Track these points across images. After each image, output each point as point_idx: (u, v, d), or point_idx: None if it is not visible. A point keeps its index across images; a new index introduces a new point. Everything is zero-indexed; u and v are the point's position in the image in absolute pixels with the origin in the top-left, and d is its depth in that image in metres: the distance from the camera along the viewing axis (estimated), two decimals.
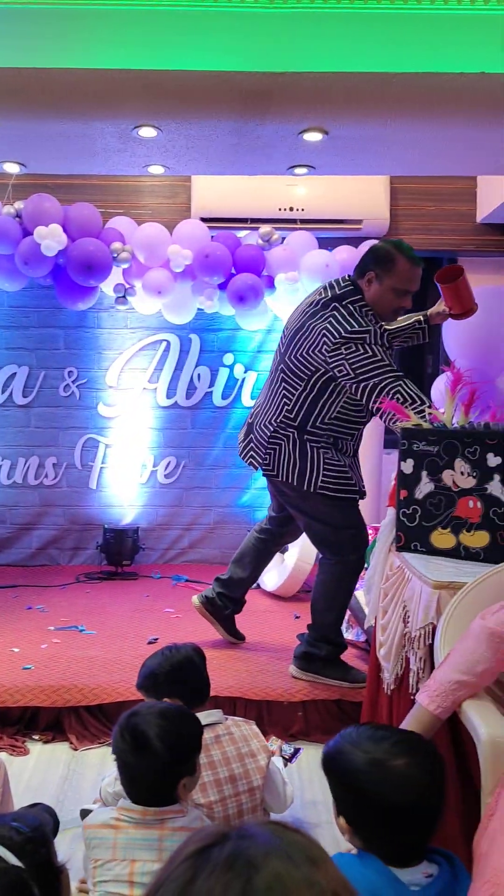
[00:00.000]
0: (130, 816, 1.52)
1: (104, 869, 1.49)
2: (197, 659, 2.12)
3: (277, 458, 2.98)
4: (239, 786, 1.98)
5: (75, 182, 4.77)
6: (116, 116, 3.12)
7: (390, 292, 2.84)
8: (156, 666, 2.06)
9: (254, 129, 3.16)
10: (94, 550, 5.05)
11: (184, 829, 1.51)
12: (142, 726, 1.54)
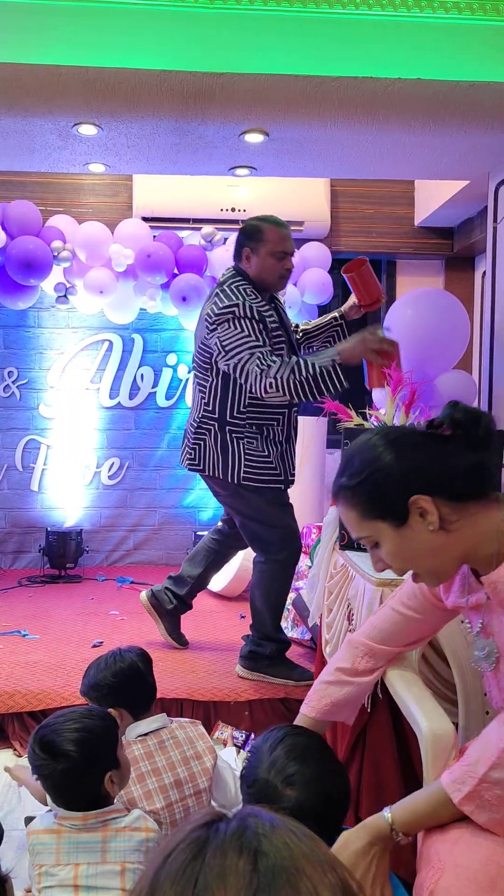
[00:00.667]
0: (72, 824, 1.50)
1: (48, 875, 1.47)
2: (142, 666, 2.06)
3: (202, 454, 2.99)
4: (185, 790, 1.97)
5: (14, 179, 4.69)
6: (56, 113, 3.08)
7: (270, 258, 2.89)
8: (100, 677, 2.01)
9: (195, 129, 3.16)
10: (37, 553, 4.96)
11: (127, 828, 1.51)
12: (49, 736, 1.51)
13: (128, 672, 2.00)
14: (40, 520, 5.09)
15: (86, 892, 1.44)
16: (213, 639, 3.58)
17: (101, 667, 2.03)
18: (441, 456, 1.27)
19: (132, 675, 2.01)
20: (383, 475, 1.26)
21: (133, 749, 1.89)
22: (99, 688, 1.99)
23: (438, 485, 1.25)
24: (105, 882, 1.45)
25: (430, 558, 1.28)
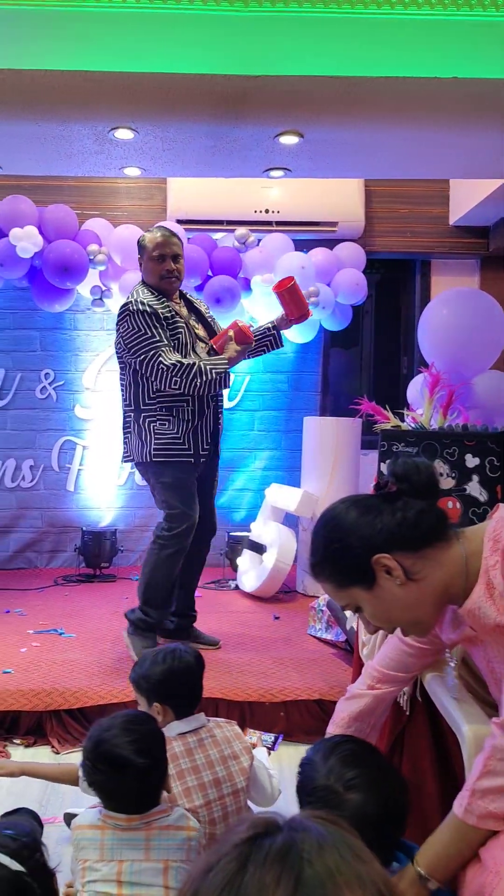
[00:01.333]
0: (116, 823, 1.53)
1: (92, 870, 1.50)
2: (197, 669, 2.06)
3: (130, 444, 3.29)
4: (223, 789, 1.99)
5: (51, 183, 4.75)
6: (93, 118, 3.11)
7: (151, 262, 3.23)
8: (156, 670, 2.01)
9: (230, 132, 3.18)
10: (73, 553, 5.02)
11: (170, 827, 1.53)
12: (115, 750, 1.52)
13: (183, 671, 2.01)
14: (76, 519, 5.15)
15: (129, 888, 1.46)
16: (246, 639, 3.59)
17: (157, 660, 2.03)
18: (391, 512, 1.33)
19: (186, 674, 2.02)
20: (342, 545, 1.34)
21: (173, 746, 1.91)
22: (150, 680, 2.00)
23: (395, 540, 1.31)
24: (148, 879, 1.47)
25: (408, 611, 1.35)
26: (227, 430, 5.15)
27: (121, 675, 3.06)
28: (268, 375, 5.17)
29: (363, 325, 5.41)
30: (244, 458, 5.21)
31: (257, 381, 5.17)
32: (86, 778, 1.56)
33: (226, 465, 5.17)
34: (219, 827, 1.97)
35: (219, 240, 4.49)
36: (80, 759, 1.60)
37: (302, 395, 5.21)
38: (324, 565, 1.40)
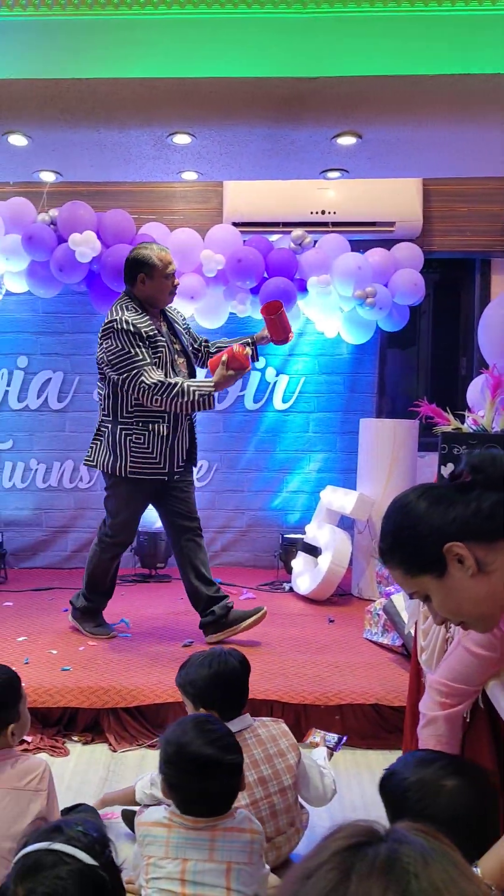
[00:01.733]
0: (182, 822, 1.54)
1: (156, 866, 1.51)
2: (242, 672, 2.08)
3: (97, 452, 3.45)
4: (269, 787, 1.99)
5: (108, 189, 4.82)
6: (152, 124, 3.15)
7: (162, 279, 3.36)
8: (202, 674, 2.03)
9: (287, 135, 3.18)
10: (129, 553, 5.07)
11: (234, 829, 1.53)
12: (203, 751, 1.53)
13: (229, 675, 2.02)
14: None
15: (192, 887, 1.47)
16: (302, 642, 3.58)
17: (203, 664, 2.04)
18: (465, 502, 1.33)
19: (232, 678, 2.03)
20: (414, 532, 1.34)
21: None
22: (197, 685, 2.02)
23: (468, 530, 1.30)
24: (211, 880, 1.47)
25: (477, 605, 1.33)
26: (282, 433, 5.16)
27: (175, 672, 3.09)
28: (323, 377, 5.15)
29: (420, 326, 5.34)
30: (298, 460, 5.20)
31: (312, 382, 5.16)
32: (167, 785, 1.56)
33: (280, 467, 5.18)
34: (267, 826, 1.97)
35: (275, 241, 4.49)
36: (160, 769, 1.60)
37: (358, 397, 5.17)
38: (394, 552, 1.39)
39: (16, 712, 1.77)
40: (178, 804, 1.56)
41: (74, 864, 0.96)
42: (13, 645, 3.49)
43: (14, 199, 4.37)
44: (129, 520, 3.54)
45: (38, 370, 5.15)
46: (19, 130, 3.26)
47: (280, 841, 1.98)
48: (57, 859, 0.96)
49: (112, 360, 3.26)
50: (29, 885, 0.93)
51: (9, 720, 1.74)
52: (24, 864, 0.96)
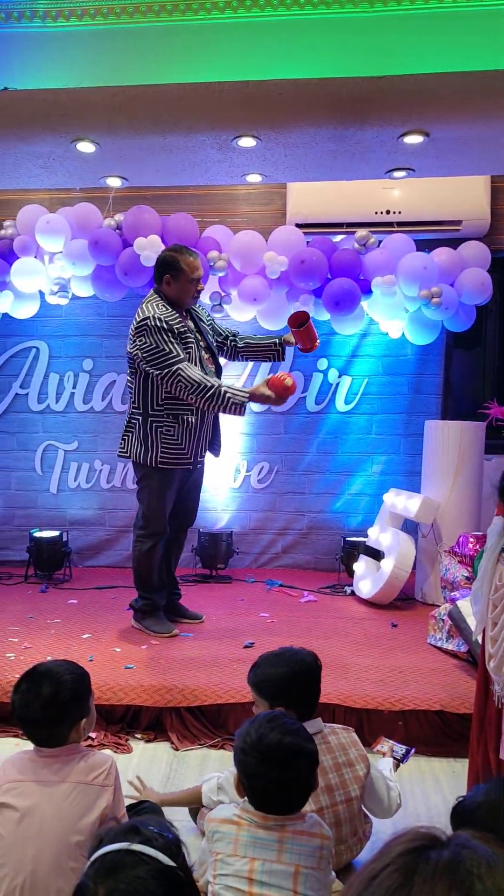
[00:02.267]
0: (252, 819, 1.54)
1: (224, 863, 1.52)
2: (316, 671, 2.07)
3: (129, 443, 3.61)
4: (335, 796, 1.97)
5: (172, 193, 4.88)
6: (217, 128, 3.17)
7: (188, 284, 3.51)
8: (277, 673, 2.02)
9: (353, 135, 3.15)
10: (190, 553, 5.12)
11: (304, 832, 1.52)
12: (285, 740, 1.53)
13: (304, 674, 2.02)
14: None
15: (259, 887, 1.47)
16: (364, 646, 3.55)
17: (277, 663, 2.03)
18: None
19: (307, 677, 2.02)
20: None
21: None
22: (271, 683, 2.01)
23: None
24: (278, 881, 1.47)
25: None
26: (344, 434, 5.12)
27: (237, 675, 3.10)
28: (386, 378, 5.10)
29: (487, 326, 5.23)
30: (361, 462, 5.15)
31: (375, 383, 5.10)
32: (243, 775, 1.57)
33: (342, 469, 5.14)
34: (334, 832, 1.95)
35: (339, 242, 4.46)
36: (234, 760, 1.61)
37: (422, 398, 5.09)
38: None
39: (87, 708, 1.80)
40: (251, 797, 1.56)
41: (154, 865, 0.96)
42: (78, 642, 3.56)
43: (81, 205, 4.46)
44: (160, 509, 3.65)
45: (103, 373, 5.24)
46: (87, 137, 3.32)
47: (341, 850, 1.97)
48: (137, 860, 0.96)
49: (148, 357, 3.39)
50: (110, 885, 0.93)
51: (81, 715, 1.78)
52: (102, 864, 0.97)
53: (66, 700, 1.74)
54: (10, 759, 1.79)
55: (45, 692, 1.73)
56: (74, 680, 1.79)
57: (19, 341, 5.27)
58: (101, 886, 0.93)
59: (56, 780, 1.69)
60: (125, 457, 3.67)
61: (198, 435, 3.59)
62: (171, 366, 3.34)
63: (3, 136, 3.32)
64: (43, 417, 5.31)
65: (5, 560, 5.34)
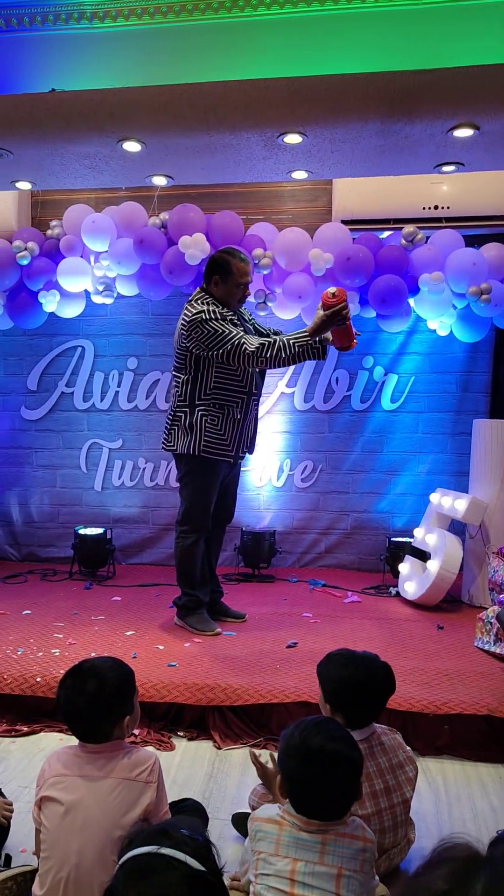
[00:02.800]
0: (294, 822, 1.52)
1: (266, 862, 1.50)
2: (381, 686, 2.01)
3: (175, 435, 3.65)
4: (393, 798, 1.95)
5: (217, 191, 4.88)
6: (262, 125, 3.15)
7: (235, 288, 3.55)
8: (340, 678, 1.99)
9: (401, 129, 3.11)
10: (232, 552, 5.13)
11: (346, 835, 1.50)
12: (329, 745, 1.51)
13: (365, 685, 1.98)
14: (236, 520, 5.22)
15: (301, 888, 1.45)
16: (409, 648, 3.49)
17: (345, 664, 2.00)
18: None
19: (368, 689, 1.99)
20: None
21: None
22: (331, 683, 1.99)
23: None
24: (321, 883, 1.45)
25: None
26: (390, 433, 5.07)
27: (280, 675, 3.08)
28: (434, 376, 5.02)
29: None
30: (407, 462, 5.09)
31: (423, 381, 5.03)
32: (286, 779, 1.55)
33: (387, 469, 5.08)
34: (387, 836, 1.93)
35: (385, 239, 4.41)
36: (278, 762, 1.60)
37: (471, 397, 5.00)
38: None
39: (131, 705, 1.81)
40: (293, 801, 1.54)
41: (184, 870, 0.95)
42: (122, 638, 3.58)
43: (126, 204, 4.49)
44: (203, 504, 3.68)
45: (147, 371, 5.27)
46: (133, 137, 3.34)
47: (394, 852, 1.95)
48: (166, 864, 0.96)
49: (209, 343, 3.42)
50: (140, 889, 0.93)
51: (124, 712, 1.78)
52: (133, 868, 0.97)
53: (109, 697, 1.75)
54: (56, 753, 1.80)
55: (90, 689, 1.74)
56: (118, 677, 1.79)
57: (65, 340, 5.34)
58: (132, 890, 0.93)
59: (100, 776, 1.70)
60: (170, 449, 3.69)
61: (241, 429, 3.62)
62: (232, 341, 3.37)
63: (51, 138, 3.36)
64: (88, 416, 5.37)
65: (51, 557, 5.42)
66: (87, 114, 3.15)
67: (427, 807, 2.44)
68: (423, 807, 2.42)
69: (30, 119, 3.21)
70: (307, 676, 3.05)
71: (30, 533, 5.49)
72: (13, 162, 3.64)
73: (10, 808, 2.12)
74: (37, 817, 1.73)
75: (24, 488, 5.48)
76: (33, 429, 5.44)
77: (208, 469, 3.62)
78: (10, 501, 5.50)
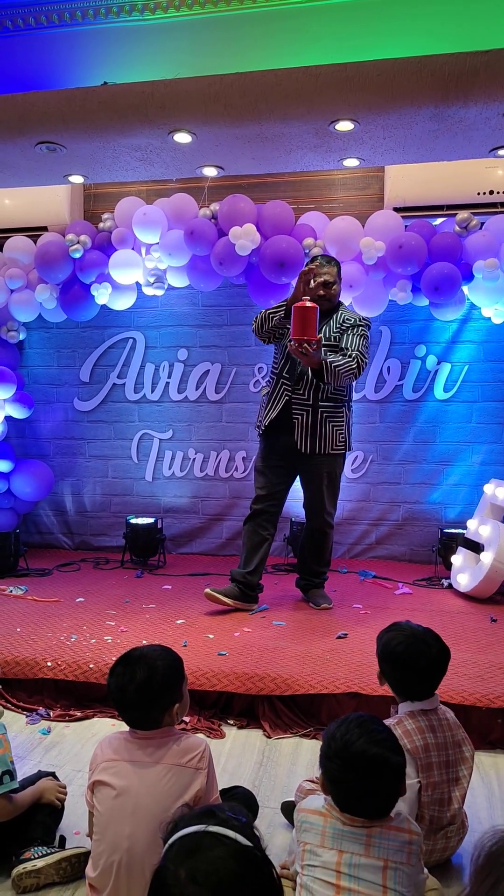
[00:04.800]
0: (338, 817, 1.52)
1: (312, 853, 1.51)
2: (437, 659, 2.04)
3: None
4: (450, 773, 1.97)
5: (268, 180, 4.86)
6: (314, 113, 3.12)
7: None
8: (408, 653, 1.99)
9: (455, 113, 3.04)
10: (282, 542, 5.13)
11: (391, 828, 1.50)
12: (371, 749, 1.49)
13: (436, 658, 1.99)
14: (285, 510, 5.22)
15: (348, 880, 1.45)
16: (462, 640, 3.45)
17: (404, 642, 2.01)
18: None
19: (423, 666, 2.00)
20: None
21: (405, 724, 1.90)
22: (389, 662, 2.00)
23: None
24: (367, 875, 1.45)
25: None
26: (443, 423, 4.99)
27: (330, 665, 3.08)
28: (488, 365, 4.92)
29: None
30: (460, 452, 5.01)
31: (476, 370, 4.94)
32: (328, 780, 1.55)
33: (440, 459, 5.01)
34: (445, 810, 1.92)
35: (438, 226, 4.33)
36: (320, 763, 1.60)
37: None
38: None
39: (180, 692, 1.83)
40: (335, 800, 1.54)
41: (233, 845, 0.97)
42: (172, 627, 3.62)
43: (177, 196, 4.51)
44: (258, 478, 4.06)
45: (197, 362, 5.30)
46: (184, 128, 3.34)
47: (451, 830, 1.95)
48: (215, 841, 0.98)
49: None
50: (190, 866, 0.95)
51: (173, 700, 1.80)
52: (182, 846, 0.99)
53: (158, 685, 1.77)
54: (107, 738, 1.83)
55: (139, 676, 1.76)
56: (168, 665, 1.81)
57: (117, 332, 5.40)
58: (182, 868, 0.95)
59: (150, 762, 1.72)
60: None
61: (273, 400, 3.83)
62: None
63: (103, 131, 3.39)
64: (139, 407, 5.43)
65: (103, 546, 5.51)
66: (138, 106, 3.17)
67: (480, 801, 2.40)
68: (476, 801, 2.39)
69: (82, 113, 3.25)
70: (357, 667, 3.04)
71: (82, 522, 5.59)
72: (66, 156, 3.69)
73: (63, 791, 2.17)
74: (90, 800, 1.76)
75: (77, 478, 5.58)
76: (86, 420, 5.53)
77: (261, 442, 3.98)
78: (64, 491, 5.60)
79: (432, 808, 1.91)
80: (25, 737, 2.84)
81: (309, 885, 1.49)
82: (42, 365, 5.57)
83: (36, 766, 2.52)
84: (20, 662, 3.17)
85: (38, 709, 3.06)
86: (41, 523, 5.67)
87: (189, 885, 0.93)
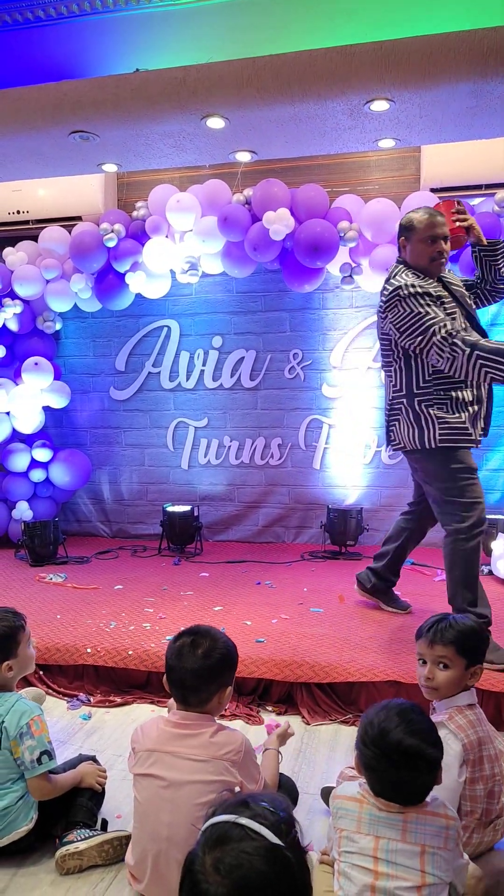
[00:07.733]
0: (373, 802, 1.51)
1: (349, 840, 1.50)
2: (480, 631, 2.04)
3: (399, 432, 3.15)
4: (496, 767, 1.93)
5: (301, 164, 4.81)
6: (348, 93, 3.07)
7: (421, 244, 3.00)
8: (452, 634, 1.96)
9: (494, 89, 2.97)
10: (318, 529, 5.11)
11: (428, 812, 1.48)
12: (407, 740, 1.47)
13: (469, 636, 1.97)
14: (322, 497, 5.23)
15: (385, 865, 1.44)
16: (500, 627, 3.40)
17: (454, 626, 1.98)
18: None
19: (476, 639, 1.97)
20: None
21: (457, 719, 1.89)
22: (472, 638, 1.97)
23: None
24: (405, 860, 1.44)
25: None
26: None
27: (369, 652, 3.06)
28: None
29: None
30: (500, 437, 4.92)
31: None
32: (364, 765, 1.54)
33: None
34: (494, 803, 1.90)
35: (477, 205, 4.24)
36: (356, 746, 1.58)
37: None
38: None
39: (230, 677, 1.86)
40: (370, 785, 1.53)
41: (260, 841, 0.96)
42: (210, 613, 3.63)
43: (210, 182, 4.48)
44: (477, 490, 3.03)
45: (232, 349, 5.29)
46: (217, 113, 3.31)
47: (500, 823, 1.92)
48: (243, 833, 0.97)
49: (402, 327, 2.90)
50: (216, 855, 0.95)
51: (226, 682, 1.83)
52: (211, 834, 0.98)
53: (217, 660, 1.80)
54: (147, 725, 1.84)
55: (206, 645, 1.80)
56: (230, 646, 1.86)
57: (151, 321, 5.41)
58: (209, 856, 0.95)
59: (188, 752, 1.73)
60: (399, 448, 3.18)
61: (476, 412, 3.02)
62: (429, 328, 2.81)
63: (136, 118, 3.37)
64: (174, 395, 5.44)
65: (140, 534, 5.55)
66: (169, 92, 3.15)
67: None
68: None
69: (114, 100, 3.24)
70: (396, 655, 3.02)
71: (120, 510, 5.64)
72: (99, 145, 3.69)
73: (104, 775, 2.19)
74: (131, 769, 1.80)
75: (113, 467, 5.62)
76: (122, 409, 5.56)
77: (454, 458, 3.01)
78: (101, 480, 5.65)
79: (484, 801, 1.88)
80: (67, 722, 2.87)
81: (346, 871, 1.49)
82: (78, 355, 5.61)
83: (77, 750, 2.55)
84: (60, 649, 3.21)
85: (79, 694, 3.09)
86: (79, 512, 5.73)
87: (213, 873, 0.94)
